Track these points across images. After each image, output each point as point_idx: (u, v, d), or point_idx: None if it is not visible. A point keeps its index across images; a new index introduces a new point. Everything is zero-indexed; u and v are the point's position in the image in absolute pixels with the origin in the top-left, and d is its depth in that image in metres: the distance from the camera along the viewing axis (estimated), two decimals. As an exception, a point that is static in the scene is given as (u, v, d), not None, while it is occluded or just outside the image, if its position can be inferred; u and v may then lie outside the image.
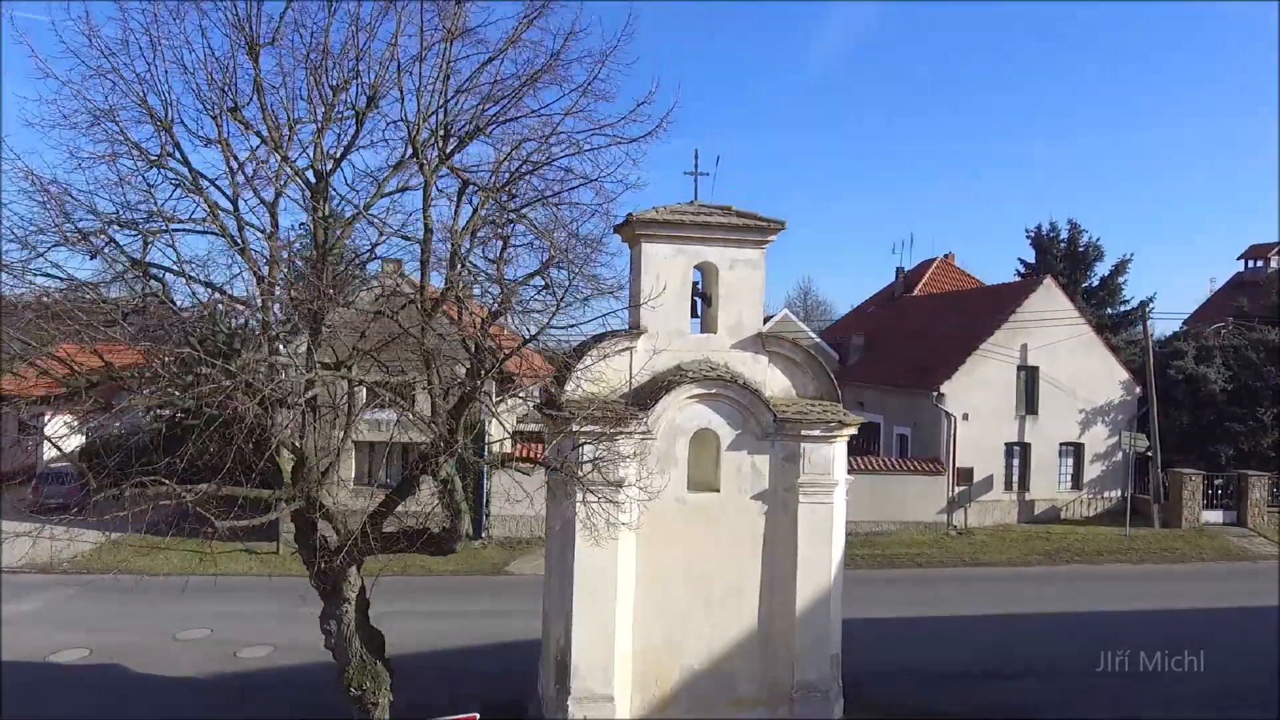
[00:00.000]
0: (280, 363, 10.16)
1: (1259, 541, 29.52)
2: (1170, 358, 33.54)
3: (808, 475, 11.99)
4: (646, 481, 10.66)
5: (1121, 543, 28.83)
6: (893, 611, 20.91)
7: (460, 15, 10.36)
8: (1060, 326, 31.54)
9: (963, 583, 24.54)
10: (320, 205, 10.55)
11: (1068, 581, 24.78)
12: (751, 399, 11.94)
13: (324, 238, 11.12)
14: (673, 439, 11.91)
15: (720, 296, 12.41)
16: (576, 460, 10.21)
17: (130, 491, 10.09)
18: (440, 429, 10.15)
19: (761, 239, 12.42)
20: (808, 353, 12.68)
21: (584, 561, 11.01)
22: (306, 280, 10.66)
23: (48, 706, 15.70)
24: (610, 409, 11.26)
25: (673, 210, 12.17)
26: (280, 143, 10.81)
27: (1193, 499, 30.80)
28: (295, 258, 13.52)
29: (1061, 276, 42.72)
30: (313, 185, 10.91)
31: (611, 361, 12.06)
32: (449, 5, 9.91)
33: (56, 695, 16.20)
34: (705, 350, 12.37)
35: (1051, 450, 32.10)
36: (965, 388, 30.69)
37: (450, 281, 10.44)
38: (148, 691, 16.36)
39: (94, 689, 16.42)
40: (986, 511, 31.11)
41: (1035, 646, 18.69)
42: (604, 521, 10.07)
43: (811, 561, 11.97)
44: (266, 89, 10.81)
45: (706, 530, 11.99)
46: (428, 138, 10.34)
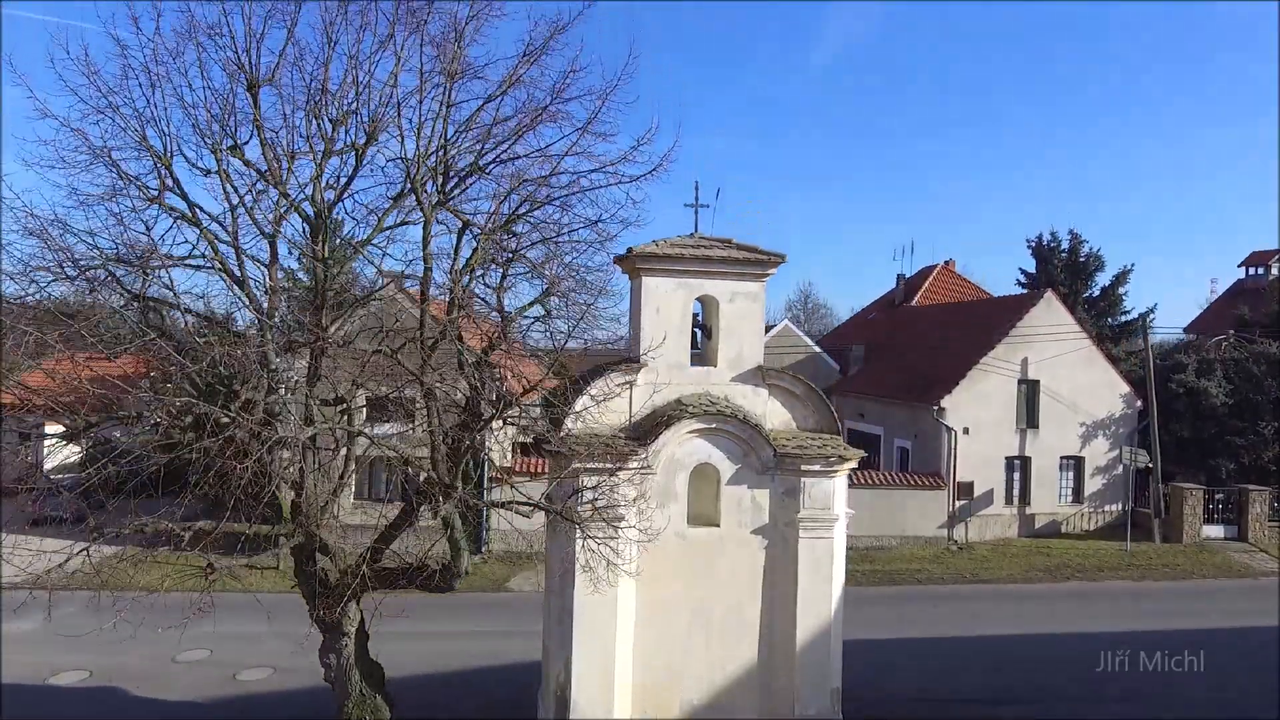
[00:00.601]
0: (280, 404, 10.15)
1: (1260, 557, 29.48)
2: (1171, 371, 33.53)
3: (808, 510, 11.97)
4: (647, 522, 10.63)
5: (1122, 558, 28.81)
6: (894, 631, 20.91)
7: (459, 56, 10.37)
8: (1061, 340, 31.52)
9: (964, 601, 24.51)
10: (319, 244, 10.54)
11: (1069, 599, 24.75)
12: (751, 434, 11.93)
13: (322, 275, 11.14)
14: (673, 474, 11.90)
15: (720, 329, 12.40)
16: (577, 501, 10.19)
17: (129, 530, 10.13)
18: (440, 472, 10.16)
19: (761, 272, 12.41)
20: (808, 385, 12.67)
21: (583, 600, 10.99)
22: (304, 323, 10.67)
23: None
24: (611, 445, 11.25)
25: (673, 244, 12.15)
26: (279, 179, 10.83)
27: (1193, 514, 30.76)
28: (295, 286, 13.54)
29: (1062, 287, 42.71)
30: (312, 222, 10.92)
31: (613, 392, 12.05)
32: (448, 45, 9.92)
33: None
34: (705, 383, 12.35)
35: (1052, 464, 32.07)
36: (966, 402, 30.68)
37: (449, 320, 10.44)
38: (148, 716, 16.35)
39: (95, 713, 16.41)
40: (987, 526, 31.09)
41: (1036, 671, 18.67)
42: (604, 566, 10.05)
43: (812, 596, 11.95)
44: (266, 125, 10.85)
45: (707, 564, 11.97)
46: (426, 175, 10.34)
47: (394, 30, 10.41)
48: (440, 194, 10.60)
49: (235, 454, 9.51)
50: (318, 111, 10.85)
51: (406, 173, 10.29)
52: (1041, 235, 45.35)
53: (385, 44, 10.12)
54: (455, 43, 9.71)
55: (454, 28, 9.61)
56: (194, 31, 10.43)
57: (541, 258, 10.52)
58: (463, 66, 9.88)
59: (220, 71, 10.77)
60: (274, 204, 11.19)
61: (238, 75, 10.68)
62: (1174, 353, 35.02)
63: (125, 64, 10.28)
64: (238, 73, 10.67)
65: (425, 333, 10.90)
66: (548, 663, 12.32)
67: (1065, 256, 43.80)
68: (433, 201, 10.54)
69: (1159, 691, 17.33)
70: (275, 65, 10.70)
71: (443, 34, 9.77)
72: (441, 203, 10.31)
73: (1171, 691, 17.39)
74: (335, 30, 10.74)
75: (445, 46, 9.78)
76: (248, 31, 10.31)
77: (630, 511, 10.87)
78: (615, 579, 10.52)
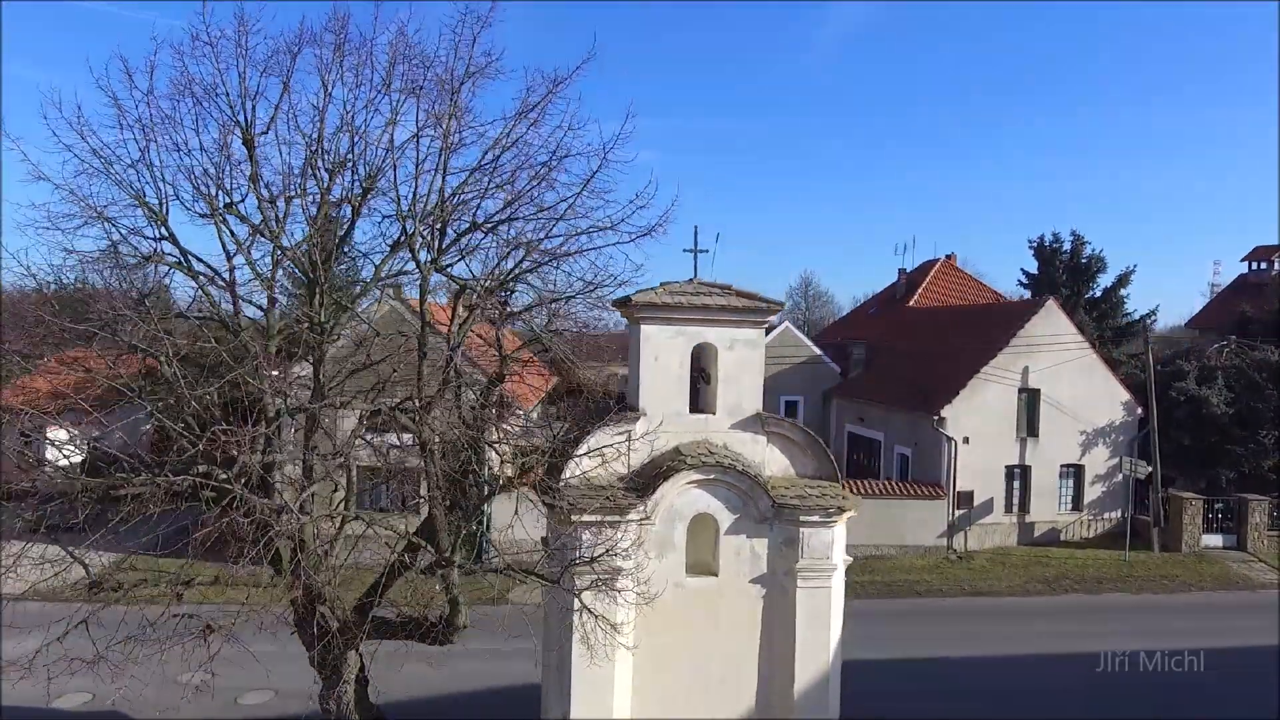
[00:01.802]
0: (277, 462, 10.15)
1: (1259, 567, 29.56)
2: (1172, 378, 33.47)
3: (806, 560, 11.96)
4: (644, 585, 10.63)
5: (1121, 569, 28.88)
6: (892, 651, 20.93)
7: (456, 112, 10.26)
8: (1062, 350, 31.45)
9: (962, 617, 24.57)
10: (314, 303, 10.49)
11: (1068, 615, 24.80)
12: (750, 484, 11.91)
13: (316, 337, 11.10)
14: (671, 524, 11.88)
15: (720, 377, 12.35)
16: (573, 566, 10.17)
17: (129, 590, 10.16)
18: (440, 544, 10.20)
19: (760, 319, 12.36)
20: (807, 433, 12.64)
21: (580, 658, 11.01)
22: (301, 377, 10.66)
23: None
24: (610, 498, 11.25)
25: (672, 291, 12.09)
26: (275, 234, 10.78)
27: (1193, 523, 30.83)
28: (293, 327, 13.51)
29: (1064, 289, 42.68)
30: (308, 276, 10.87)
31: (611, 441, 12.03)
32: (444, 108, 9.80)
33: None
34: (704, 431, 12.32)
35: (1052, 472, 32.09)
36: (966, 411, 30.66)
37: (446, 380, 10.40)
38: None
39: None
40: (986, 534, 31.15)
41: (1034, 699, 18.76)
42: (602, 639, 10.06)
43: (810, 646, 11.96)
44: (264, 169, 10.80)
45: (705, 614, 11.98)
46: (421, 242, 10.28)
47: (389, 84, 10.35)
48: (436, 253, 10.53)
49: (233, 506, 9.53)
50: (314, 162, 10.80)
51: (402, 229, 10.22)
52: (1044, 236, 45.33)
53: (373, 101, 10.03)
54: (450, 105, 9.60)
55: (450, 88, 9.49)
56: (189, 85, 10.36)
57: (541, 318, 10.46)
58: (458, 136, 9.77)
59: (216, 123, 10.71)
60: (270, 254, 11.18)
61: (233, 129, 10.62)
62: (1175, 359, 34.94)
63: (120, 119, 10.23)
64: (233, 126, 10.61)
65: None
66: (547, 704, 12.37)
67: (1067, 258, 43.70)
68: (430, 258, 10.49)
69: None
70: (270, 119, 10.64)
71: (439, 95, 9.66)
72: (435, 265, 10.23)
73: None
74: (330, 80, 10.68)
75: (440, 112, 9.67)
76: (243, 90, 10.23)
77: (628, 567, 10.85)
78: (613, 651, 10.53)
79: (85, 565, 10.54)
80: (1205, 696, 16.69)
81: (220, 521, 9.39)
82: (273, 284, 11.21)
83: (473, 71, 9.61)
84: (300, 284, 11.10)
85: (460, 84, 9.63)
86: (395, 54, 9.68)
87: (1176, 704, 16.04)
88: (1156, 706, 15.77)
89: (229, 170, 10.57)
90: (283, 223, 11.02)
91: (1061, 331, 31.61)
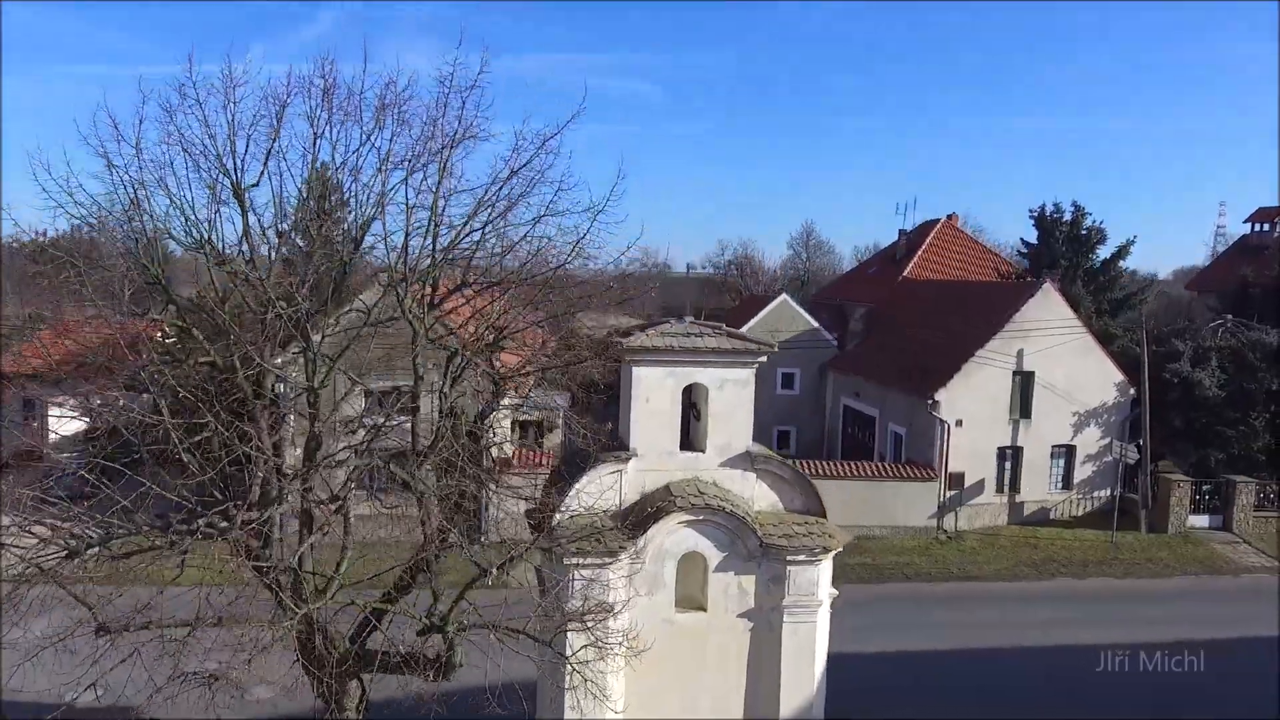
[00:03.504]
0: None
1: (1243, 549, 30.13)
2: (1166, 359, 33.57)
3: (793, 596, 12.31)
4: (634, 641, 10.98)
5: (1108, 551, 29.42)
6: (878, 643, 21.38)
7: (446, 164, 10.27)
8: (1057, 333, 31.56)
9: (950, 604, 25.11)
10: (309, 364, 10.63)
11: (1054, 603, 25.31)
12: (738, 525, 12.19)
13: (312, 373, 11.26)
14: (661, 562, 12.20)
15: (710, 415, 12.54)
16: (567, 620, 10.51)
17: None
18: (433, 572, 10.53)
19: (751, 360, 12.50)
20: (795, 471, 12.90)
21: (572, 709, 11.41)
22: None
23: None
24: (601, 539, 11.56)
25: (664, 334, 12.22)
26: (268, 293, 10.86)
27: (1180, 505, 31.31)
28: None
29: (1064, 260, 42.51)
30: (303, 331, 10.99)
31: (603, 480, 12.29)
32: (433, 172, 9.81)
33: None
34: (694, 468, 12.56)
35: (1044, 453, 32.48)
36: (960, 394, 30.90)
37: (439, 434, 10.60)
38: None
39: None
40: (977, 514, 31.66)
41: (1016, 696, 19.36)
42: (593, 698, 10.44)
43: (796, 678, 12.39)
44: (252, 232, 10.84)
45: (694, 648, 12.37)
46: (412, 300, 10.38)
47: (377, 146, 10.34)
48: (426, 310, 10.64)
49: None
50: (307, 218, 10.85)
51: (395, 292, 10.30)
52: (1044, 206, 44.82)
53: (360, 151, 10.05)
54: (439, 171, 9.61)
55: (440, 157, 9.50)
56: (181, 142, 10.35)
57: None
58: (445, 203, 9.80)
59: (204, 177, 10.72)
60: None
61: (222, 180, 10.63)
62: (1170, 338, 34.98)
63: (113, 178, 10.26)
64: (222, 178, 10.62)
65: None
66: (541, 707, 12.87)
67: (1068, 228, 43.38)
68: (422, 314, 10.59)
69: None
70: (261, 172, 10.65)
71: (428, 159, 9.67)
72: (425, 321, 10.35)
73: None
74: (319, 128, 10.66)
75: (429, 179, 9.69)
76: (232, 147, 10.21)
77: (617, 626, 11.18)
78: (603, 710, 10.93)
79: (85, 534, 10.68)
80: (1204, 696, 17.10)
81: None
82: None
83: (460, 138, 9.60)
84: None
85: (449, 148, 9.63)
86: (381, 116, 9.66)
87: (1166, 702, 16.55)
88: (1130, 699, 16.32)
89: (219, 220, 10.62)
90: (273, 265, 11.09)
91: (1057, 315, 31.67)
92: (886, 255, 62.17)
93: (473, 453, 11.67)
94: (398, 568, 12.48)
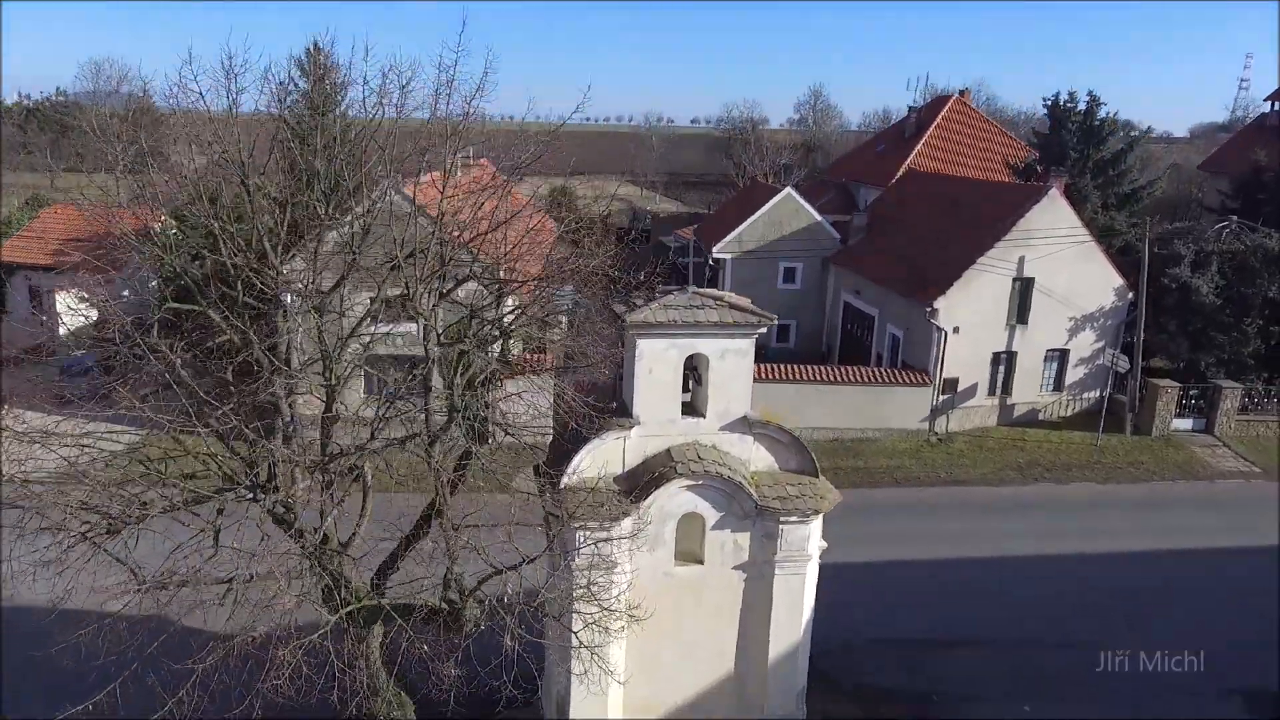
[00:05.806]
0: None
1: (1222, 453, 31.22)
2: (1167, 262, 33.60)
3: (784, 552, 13.16)
4: (637, 612, 11.85)
5: (1091, 454, 30.49)
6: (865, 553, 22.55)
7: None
8: (1061, 241, 31.48)
9: (935, 513, 26.27)
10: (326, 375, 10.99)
11: (1036, 511, 26.43)
12: (735, 489, 12.87)
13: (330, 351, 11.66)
14: (662, 522, 12.96)
15: (711, 383, 13.00)
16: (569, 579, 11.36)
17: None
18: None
19: (751, 330, 12.84)
20: (791, 435, 13.45)
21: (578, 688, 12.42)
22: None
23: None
24: (605, 503, 12.31)
25: (667, 307, 12.52)
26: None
27: (1166, 409, 32.17)
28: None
29: (1074, 151, 41.83)
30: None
31: (606, 447, 12.92)
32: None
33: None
34: (695, 433, 13.14)
35: (1038, 357, 33.08)
36: (959, 302, 31.15)
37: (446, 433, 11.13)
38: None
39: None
40: (968, 416, 32.57)
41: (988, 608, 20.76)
42: (598, 674, 11.40)
43: (784, 624, 13.44)
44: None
45: (691, 598, 13.34)
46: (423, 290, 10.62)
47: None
48: (438, 295, 10.91)
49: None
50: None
51: (405, 288, 10.54)
52: (1059, 94, 43.69)
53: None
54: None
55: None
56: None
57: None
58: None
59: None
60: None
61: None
62: (1173, 239, 34.83)
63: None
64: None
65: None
66: (550, 671, 14.01)
67: (1081, 119, 42.39)
68: (431, 304, 10.88)
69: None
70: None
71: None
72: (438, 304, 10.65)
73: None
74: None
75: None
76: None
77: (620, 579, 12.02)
78: (607, 685, 11.92)
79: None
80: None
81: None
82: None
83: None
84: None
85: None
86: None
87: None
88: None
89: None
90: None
91: (1062, 222, 31.49)
92: (895, 133, 60.86)
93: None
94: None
